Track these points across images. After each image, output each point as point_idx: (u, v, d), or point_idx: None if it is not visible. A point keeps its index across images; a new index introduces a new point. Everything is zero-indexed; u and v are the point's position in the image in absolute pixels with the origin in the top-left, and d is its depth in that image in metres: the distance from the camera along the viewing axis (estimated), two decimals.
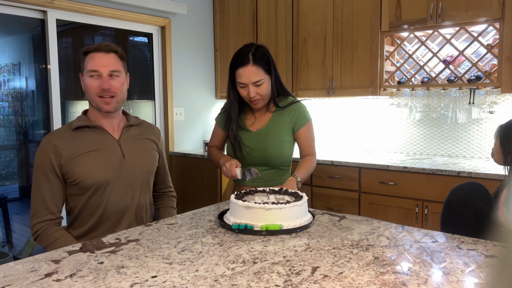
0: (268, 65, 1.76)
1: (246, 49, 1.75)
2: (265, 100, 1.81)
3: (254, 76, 1.73)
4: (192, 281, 0.95)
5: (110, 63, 1.54)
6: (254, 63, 1.72)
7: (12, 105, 3.26)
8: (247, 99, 1.79)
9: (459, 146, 3.02)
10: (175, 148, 3.78)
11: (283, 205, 1.32)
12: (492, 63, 2.68)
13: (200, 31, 3.91)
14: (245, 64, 1.72)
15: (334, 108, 3.63)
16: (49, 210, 1.53)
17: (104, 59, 1.54)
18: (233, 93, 1.83)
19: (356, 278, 0.96)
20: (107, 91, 1.54)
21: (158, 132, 1.81)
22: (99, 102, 1.56)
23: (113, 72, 1.55)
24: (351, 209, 2.89)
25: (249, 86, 1.74)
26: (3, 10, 2.71)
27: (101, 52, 1.55)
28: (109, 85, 1.54)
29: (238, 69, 1.74)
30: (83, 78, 1.57)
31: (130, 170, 1.62)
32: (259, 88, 1.75)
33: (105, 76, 1.54)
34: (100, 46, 1.55)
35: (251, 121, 1.89)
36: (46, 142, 1.55)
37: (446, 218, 1.72)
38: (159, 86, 3.69)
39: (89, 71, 1.53)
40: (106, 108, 1.57)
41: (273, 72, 1.79)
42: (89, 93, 1.56)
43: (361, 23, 3.08)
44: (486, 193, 1.69)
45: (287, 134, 1.85)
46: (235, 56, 1.77)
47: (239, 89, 1.79)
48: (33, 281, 0.96)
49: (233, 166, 1.70)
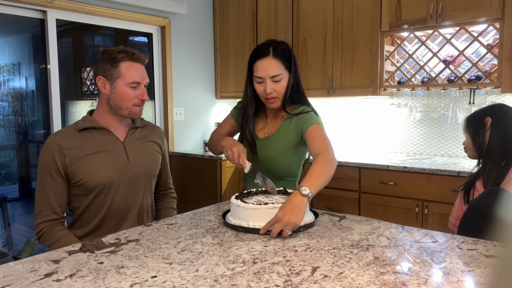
0: (289, 61, 1.64)
1: (267, 42, 1.65)
2: (281, 101, 1.68)
3: (272, 69, 1.60)
4: (192, 281, 0.95)
5: (145, 75, 1.63)
6: (274, 56, 1.61)
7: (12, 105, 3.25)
8: (263, 97, 1.67)
9: (459, 146, 3.02)
10: (175, 148, 3.78)
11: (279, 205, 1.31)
12: (492, 63, 2.68)
13: (200, 31, 3.91)
14: (264, 56, 1.61)
15: (334, 108, 3.63)
16: (53, 210, 1.54)
17: (143, 70, 1.61)
18: (250, 90, 1.72)
19: (356, 278, 0.96)
20: (143, 101, 1.62)
21: (163, 134, 1.82)
22: (134, 110, 1.61)
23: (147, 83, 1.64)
24: (351, 209, 2.89)
25: (266, 80, 1.61)
26: (3, 10, 2.71)
27: (139, 63, 1.60)
28: (147, 96, 1.62)
29: (256, 61, 1.63)
30: (117, 84, 1.56)
31: (134, 172, 1.63)
32: (276, 85, 1.62)
33: (143, 87, 1.61)
34: (140, 57, 1.60)
35: (262, 125, 1.77)
36: (51, 142, 1.55)
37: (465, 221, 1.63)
38: (159, 86, 3.69)
39: (132, 83, 1.56)
40: (139, 114, 1.65)
41: (293, 70, 1.66)
42: (124, 101, 1.57)
43: (361, 23, 3.08)
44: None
45: (295, 143, 1.70)
46: (255, 49, 1.66)
47: (256, 85, 1.66)
48: (33, 281, 0.96)
49: (243, 156, 1.52)
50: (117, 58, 1.54)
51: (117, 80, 1.55)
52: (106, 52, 1.56)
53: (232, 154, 1.54)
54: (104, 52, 1.56)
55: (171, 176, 1.89)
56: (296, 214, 1.25)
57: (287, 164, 1.74)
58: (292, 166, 1.76)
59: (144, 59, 1.62)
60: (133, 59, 1.57)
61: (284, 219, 1.23)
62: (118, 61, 1.55)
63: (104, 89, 1.57)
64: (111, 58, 1.55)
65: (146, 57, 1.63)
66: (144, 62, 1.62)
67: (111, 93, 1.57)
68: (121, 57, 1.55)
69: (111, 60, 1.55)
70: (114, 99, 1.57)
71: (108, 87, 1.56)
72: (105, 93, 1.58)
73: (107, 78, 1.56)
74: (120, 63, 1.55)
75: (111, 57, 1.55)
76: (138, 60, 1.59)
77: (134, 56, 1.57)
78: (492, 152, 1.65)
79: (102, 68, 1.56)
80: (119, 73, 1.55)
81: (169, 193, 1.87)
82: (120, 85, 1.55)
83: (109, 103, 1.58)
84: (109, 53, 1.55)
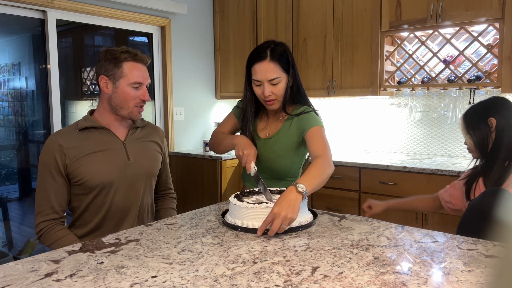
0: (287, 64, 1.64)
1: (265, 45, 1.64)
2: (281, 102, 1.68)
3: (270, 72, 1.60)
4: (192, 281, 0.95)
5: (148, 76, 1.63)
6: (272, 59, 1.60)
7: (12, 105, 3.25)
8: (262, 99, 1.67)
9: (459, 146, 3.02)
10: (175, 148, 3.78)
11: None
12: (492, 63, 2.68)
13: (200, 31, 3.91)
14: (262, 59, 1.61)
15: (334, 108, 3.63)
16: (53, 209, 1.54)
17: (145, 71, 1.62)
18: (249, 92, 1.72)
19: (356, 278, 0.96)
20: (145, 101, 1.63)
21: (163, 134, 1.82)
22: (135, 111, 1.61)
23: (149, 83, 1.65)
24: (351, 209, 2.89)
25: (264, 84, 1.61)
26: (3, 10, 2.71)
27: (141, 64, 1.60)
28: (148, 96, 1.63)
29: (254, 64, 1.63)
30: (119, 84, 1.56)
31: (134, 172, 1.63)
32: (275, 87, 1.62)
33: (144, 88, 1.62)
34: (143, 57, 1.61)
35: (263, 125, 1.77)
36: (52, 141, 1.55)
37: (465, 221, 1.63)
38: (159, 86, 3.69)
39: (134, 83, 1.57)
40: (139, 116, 1.66)
41: (292, 73, 1.66)
42: (126, 101, 1.58)
43: (361, 23, 3.08)
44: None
45: (295, 144, 1.70)
46: (253, 52, 1.66)
47: (254, 88, 1.67)
48: (33, 281, 0.96)
49: (250, 161, 1.55)
50: (120, 58, 1.55)
51: (120, 80, 1.56)
52: (109, 51, 1.56)
53: (242, 155, 1.57)
54: (107, 51, 1.57)
55: (171, 177, 1.90)
56: (292, 208, 1.25)
57: (288, 164, 1.74)
58: (293, 167, 1.76)
59: (147, 60, 1.63)
60: (136, 60, 1.58)
61: (281, 214, 1.23)
62: (121, 61, 1.55)
63: (106, 89, 1.57)
64: (114, 58, 1.55)
65: (148, 58, 1.64)
66: (147, 63, 1.63)
67: (113, 93, 1.57)
68: (124, 57, 1.55)
69: (114, 60, 1.55)
70: (115, 99, 1.58)
71: (111, 87, 1.57)
72: (107, 93, 1.58)
73: (109, 78, 1.56)
74: (123, 63, 1.55)
75: (114, 57, 1.55)
76: (140, 61, 1.60)
77: (137, 56, 1.58)
78: (497, 153, 1.63)
79: (104, 67, 1.56)
80: (122, 73, 1.55)
81: (169, 193, 1.88)
82: (122, 85, 1.56)
83: (110, 102, 1.59)
84: (112, 53, 1.55)
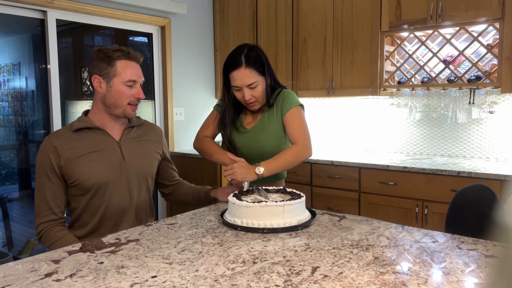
0: (262, 66, 1.72)
1: (239, 51, 1.71)
2: (262, 102, 1.77)
3: (247, 78, 1.68)
4: (192, 281, 0.95)
5: (141, 74, 1.63)
6: (247, 65, 1.67)
7: (12, 105, 3.25)
8: (243, 102, 1.75)
9: (459, 146, 3.02)
10: (175, 148, 3.78)
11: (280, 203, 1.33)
12: (492, 63, 2.68)
13: (200, 31, 3.91)
14: (238, 67, 1.68)
15: (334, 108, 3.63)
16: (51, 210, 1.54)
17: (138, 69, 1.62)
18: (227, 96, 1.80)
19: (356, 278, 0.96)
20: (139, 99, 1.62)
21: (160, 132, 1.81)
22: (128, 109, 1.60)
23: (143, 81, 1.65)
24: (351, 209, 2.89)
25: (244, 89, 1.70)
26: (3, 10, 2.71)
27: (134, 62, 1.60)
28: (143, 94, 1.62)
29: (231, 72, 1.70)
30: (113, 83, 1.56)
31: (130, 172, 1.63)
32: (254, 91, 1.71)
33: (139, 85, 1.61)
34: (136, 55, 1.60)
35: (250, 119, 1.85)
36: (46, 143, 1.55)
37: (450, 220, 1.69)
38: (159, 86, 3.69)
39: (128, 81, 1.56)
40: (133, 114, 1.64)
41: (267, 73, 1.75)
42: (121, 100, 1.57)
43: (361, 23, 3.08)
44: (493, 197, 1.61)
45: (280, 128, 1.79)
46: (228, 59, 1.73)
47: (235, 92, 1.75)
48: (33, 281, 0.96)
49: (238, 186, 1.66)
50: (113, 57, 1.54)
51: (114, 79, 1.55)
52: (102, 51, 1.56)
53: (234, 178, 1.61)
54: (99, 51, 1.56)
55: (176, 170, 1.90)
56: (245, 175, 1.59)
57: (281, 147, 1.80)
58: (284, 148, 1.82)
59: (140, 58, 1.62)
60: (128, 58, 1.57)
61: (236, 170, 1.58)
62: (114, 59, 1.54)
63: (100, 88, 1.57)
64: (107, 57, 1.54)
65: (141, 56, 1.63)
66: (139, 61, 1.62)
67: (107, 92, 1.56)
68: (117, 56, 1.55)
69: (107, 59, 1.54)
70: (110, 98, 1.57)
71: (104, 86, 1.56)
72: (101, 92, 1.57)
73: (103, 77, 1.56)
74: (116, 61, 1.55)
75: (107, 55, 1.54)
76: (133, 59, 1.59)
77: (129, 54, 1.57)
78: None
79: (97, 67, 1.56)
80: (115, 71, 1.55)
81: (177, 183, 1.88)
82: (116, 83, 1.55)
83: (105, 102, 1.58)
84: (105, 52, 1.55)
